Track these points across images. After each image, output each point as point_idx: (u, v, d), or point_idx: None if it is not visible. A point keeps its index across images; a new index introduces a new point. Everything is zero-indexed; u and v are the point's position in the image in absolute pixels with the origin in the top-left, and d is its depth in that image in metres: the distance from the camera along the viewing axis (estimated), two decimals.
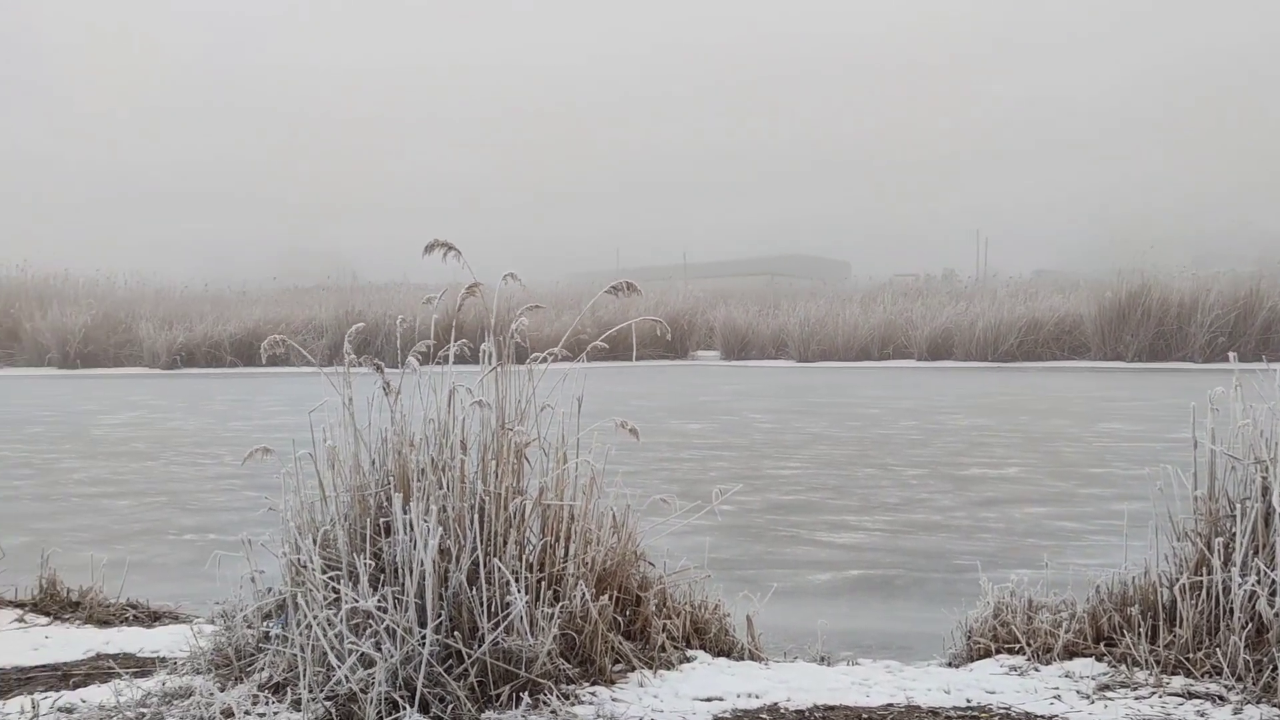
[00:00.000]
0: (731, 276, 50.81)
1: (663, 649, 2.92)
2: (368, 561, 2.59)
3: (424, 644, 2.50)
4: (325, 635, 2.47)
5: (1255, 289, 21.59)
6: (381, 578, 2.64)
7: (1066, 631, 2.94)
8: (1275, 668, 2.59)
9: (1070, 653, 2.94)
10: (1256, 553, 2.77)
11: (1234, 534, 2.78)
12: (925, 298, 28.52)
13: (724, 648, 3.10)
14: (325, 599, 2.54)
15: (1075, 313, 24.27)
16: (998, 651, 3.03)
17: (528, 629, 2.59)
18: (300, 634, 2.53)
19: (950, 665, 3.08)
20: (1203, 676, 2.69)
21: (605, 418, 3.13)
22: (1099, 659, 2.87)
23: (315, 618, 2.50)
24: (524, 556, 2.80)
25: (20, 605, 3.72)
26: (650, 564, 3.13)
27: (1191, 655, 2.74)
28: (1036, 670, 2.87)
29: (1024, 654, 2.97)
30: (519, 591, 2.59)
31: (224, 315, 28.39)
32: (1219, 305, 21.45)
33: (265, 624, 2.80)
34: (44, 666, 3.07)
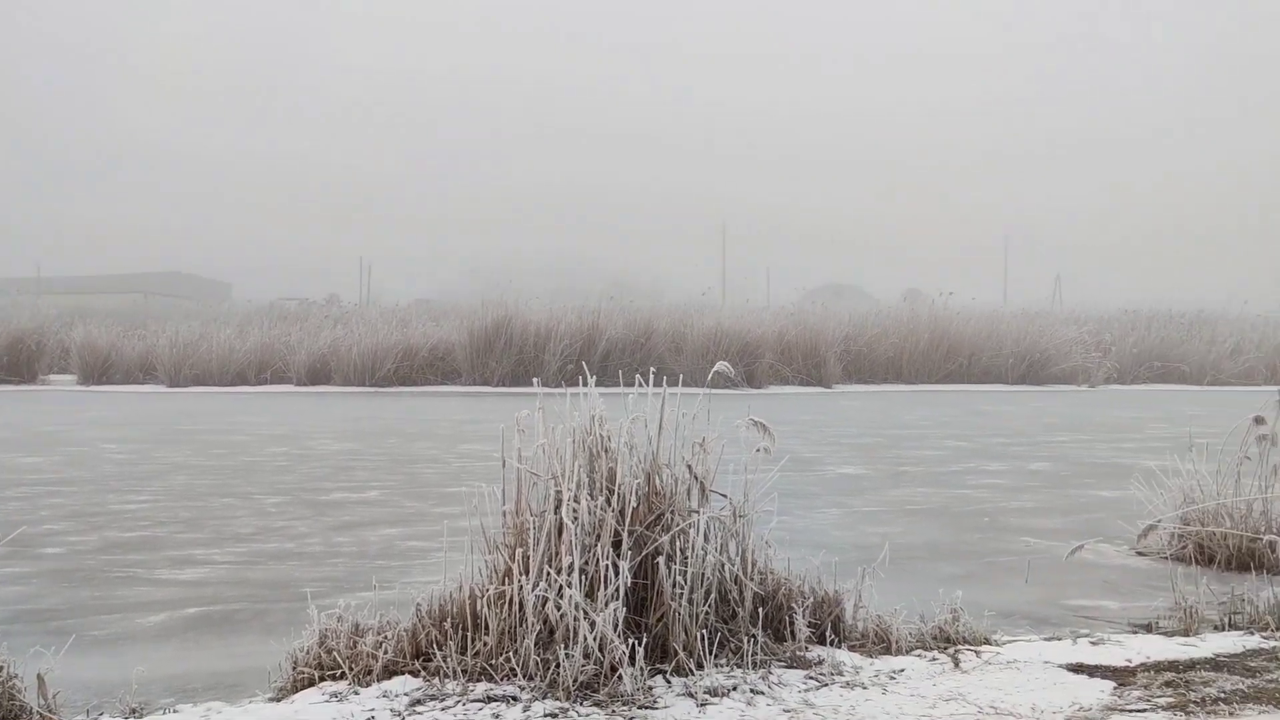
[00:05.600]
0: (98, 293, 46.29)
1: None
2: None
3: None
4: None
5: (595, 322, 24.48)
6: None
7: (386, 652, 3.03)
8: (558, 664, 2.89)
9: (391, 672, 3.02)
10: (550, 561, 3.08)
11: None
12: (305, 322, 28.19)
13: (10, 715, 2.72)
14: None
15: (448, 340, 25.56)
16: (322, 679, 3.02)
17: None
18: None
19: (275, 699, 3.01)
20: (503, 679, 2.92)
21: None
22: (414, 675, 2.99)
23: None
24: None
25: None
26: None
27: (495, 661, 2.97)
28: (356, 694, 2.90)
29: (346, 679, 3.00)
30: None
31: None
32: (568, 335, 23.96)
33: None
34: None
